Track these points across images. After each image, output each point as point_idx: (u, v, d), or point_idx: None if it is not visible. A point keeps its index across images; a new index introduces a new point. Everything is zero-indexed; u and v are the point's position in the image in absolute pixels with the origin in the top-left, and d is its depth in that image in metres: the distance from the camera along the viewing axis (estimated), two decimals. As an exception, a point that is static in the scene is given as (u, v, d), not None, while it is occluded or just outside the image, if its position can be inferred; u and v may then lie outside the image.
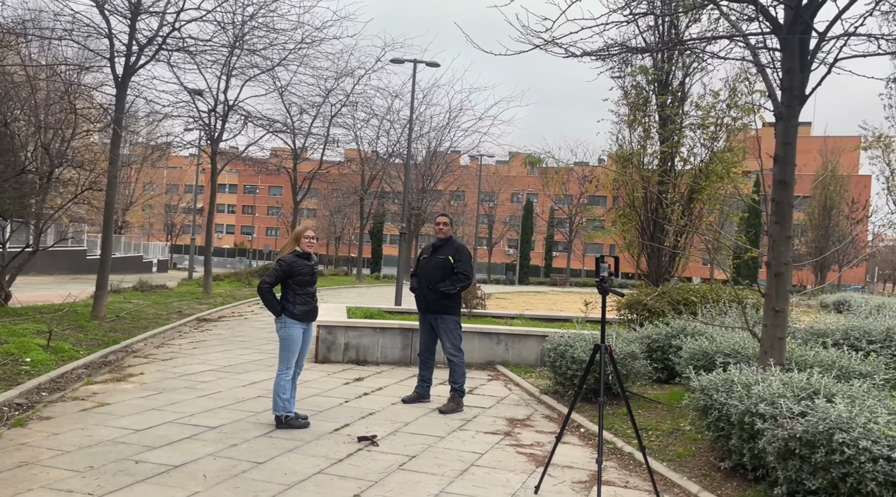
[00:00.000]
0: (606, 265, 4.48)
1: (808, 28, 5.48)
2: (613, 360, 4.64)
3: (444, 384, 7.67)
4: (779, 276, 5.61)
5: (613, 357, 4.64)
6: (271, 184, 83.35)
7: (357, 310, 11.18)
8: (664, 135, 11.04)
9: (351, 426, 6.19)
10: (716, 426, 4.98)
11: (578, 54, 6.68)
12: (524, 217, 62.28)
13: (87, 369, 8.06)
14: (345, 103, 26.79)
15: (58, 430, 5.55)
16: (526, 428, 6.51)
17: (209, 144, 20.10)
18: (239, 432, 5.78)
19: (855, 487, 3.88)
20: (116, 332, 10.79)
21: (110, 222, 12.04)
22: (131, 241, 52.08)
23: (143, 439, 5.40)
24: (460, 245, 7.38)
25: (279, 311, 6.06)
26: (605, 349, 4.44)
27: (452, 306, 7.14)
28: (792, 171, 5.67)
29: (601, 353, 4.42)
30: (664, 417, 6.64)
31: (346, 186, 41.43)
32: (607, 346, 4.46)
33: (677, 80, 11.28)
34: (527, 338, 9.91)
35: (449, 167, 42.21)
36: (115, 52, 11.85)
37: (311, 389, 7.71)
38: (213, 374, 8.23)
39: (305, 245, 6.10)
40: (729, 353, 6.45)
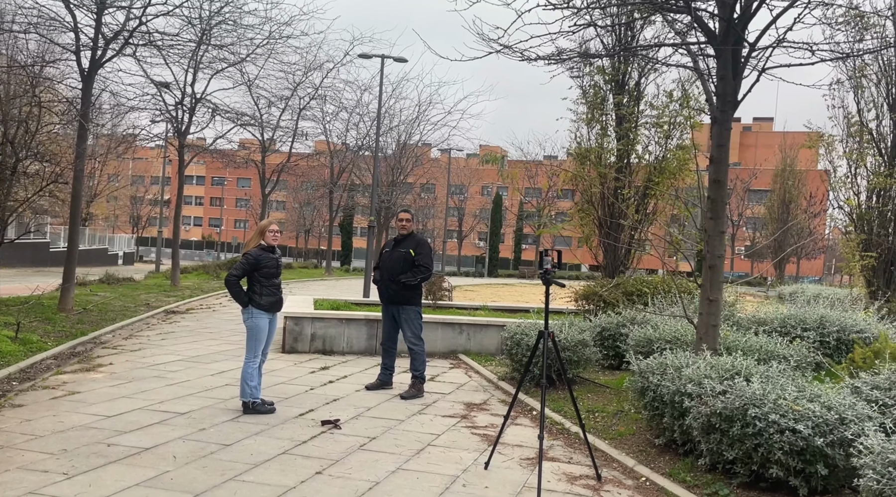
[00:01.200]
0: (549, 258, 4.86)
1: (740, 39, 5.92)
2: (556, 346, 5.03)
3: (406, 372, 8.02)
4: (713, 269, 6.07)
5: (556, 343, 5.03)
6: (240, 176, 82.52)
7: (324, 301, 11.46)
8: (620, 133, 11.52)
9: (315, 411, 6.51)
10: (651, 406, 5.42)
11: (533, 58, 7.06)
12: (493, 210, 62.86)
13: (56, 360, 8.23)
14: (313, 96, 26.91)
15: (30, 416, 5.77)
16: (482, 411, 6.90)
17: (176, 137, 20.08)
18: (207, 418, 6.06)
19: (765, 456, 4.34)
20: (84, 324, 10.91)
21: (77, 215, 12.11)
22: (96, 234, 51.28)
23: (114, 425, 5.65)
24: (421, 239, 7.72)
25: (246, 303, 6.34)
26: (549, 336, 4.83)
27: (413, 297, 7.48)
28: (725, 171, 6.12)
29: (545, 340, 4.80)
30: (611, 400, 7.09)
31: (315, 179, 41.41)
32: (550, 333, 4.85)
33: (633, 80, 11.75)
34: (488, 327, 10.31)
35: (419, 160, 42.47)
36: (81, 46, 11.90)
37: (278, 378, 8.00)
38: (182, 364, 8.46)
39: (270, 239, 6.39)
40: (670, 339, 6.92)
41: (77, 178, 11.97)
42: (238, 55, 17.81)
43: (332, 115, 30.94)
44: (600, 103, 11.72)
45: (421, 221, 57.84)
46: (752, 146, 79.57)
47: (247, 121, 22.93)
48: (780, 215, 44.97)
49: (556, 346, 5.03)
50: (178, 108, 19.35)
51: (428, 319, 9.65)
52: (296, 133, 28.01)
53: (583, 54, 7.16)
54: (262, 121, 25.31)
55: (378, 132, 21.11)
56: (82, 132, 11.87)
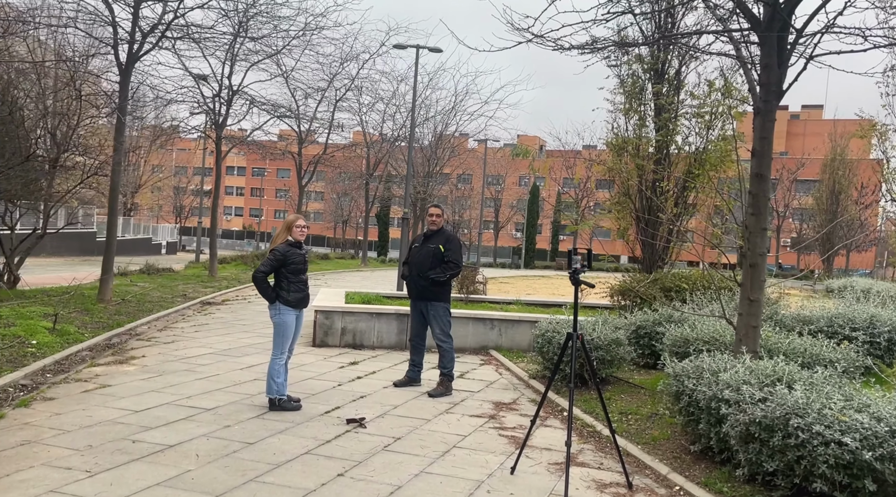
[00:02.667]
0: (578, 257, 4.65)
1: (786, 25, 5.59)
2: (585, 348, 4.83)
3: (436, 369, 7.90)
4: (754, 267, 5.78)
5: (585, 345, 4.84)
6: (279, 166, 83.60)
7: (355, 295, 11.42)
8: (659, 123, 11.14)
9: (341, 409, 6.44)
10: (686, 411, 5.18)
11: (566, 48, 6.81)
12: (530, 201, 62.31)
13: (91, 352, 8.35)
14: (349, 87, 26.90)
15: (60, 410, 5.83)
16: (511, 411, 6.74)
17: (214, 129, 20.30)
18: (233, 414, 6.04)
19: (809, 469, 4.09)
20: (121, 315, 11.09)
21: (115, 207, 12.29)
22: (140, 224, 52.50)
23: (141, 420, 5.67)
24: (451, 235, 7.57)
25: (274, 299, 6.30)
26: (578, 337, 4.63)
27: (442, 293, 7.35)
28: (768, 165, 5.81)
29: (573, 342, 4.61)
30: (645, 402, 6.85)
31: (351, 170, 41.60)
32: (580, 335, 4.65)
33: (673, 68, 11.34)
34: (520, 323, 10.12)
35: (455, 151, 42.27)
36: (119, 40, 12.03)
37: (307, 373, 7.97)
38: (213, 358, 8.50)
39: (297, 234, 6.32)
40: (707, 340, 6.64)
41: (115, 171, 12.15)
42: (274, 47, 17.87)
43: (369, 106, 30.95)
44: (638, 93, 11.34)
45: (457, 212, 57.73)
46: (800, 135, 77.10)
47: (283, 112, 23.05)
48: (829, 206, 43.48)
49: (586, 348, 4.83)
50: (215, 100, 19.53)
51: (458, 314, 9.54)
52: (332, 124, 28.07)
53: (619, 43, 6.88)
54: (298, 112, 25.44)
55: (413, 122, 20.99)
56: (120, 125, 12.03)
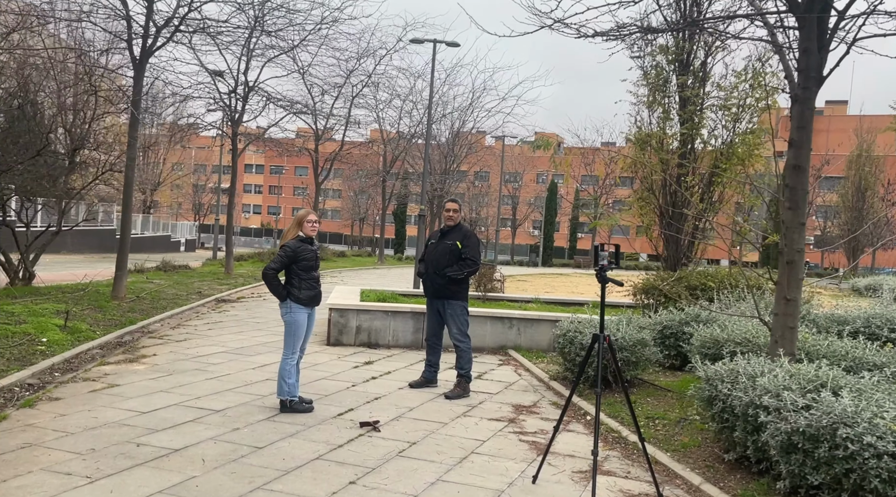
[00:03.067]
0: (606, 253, 4.36)
1: (827, 6, 5.24)
2: (613, 350, 4.54)
3: (453, 369, 7.64)
4: (791, 264, 5.44)
5: (613, 347, 4.54)
6: (297, 164, 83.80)
7: (371, 292, 11.19)
8: (684, 116, 10.76)
9: (355, 411, 6.20)
10: (720, 417, 4.86)
11: (590, 34, 6.50)
12: (548, 198, 61.78)
13: (101, 350, 8.20)
14: (366, 84, 26.70)
15: (65, 411, 5.64)
16: (531, 415, 6.46)
17: (230, 125, 20.18)
18: (243, 416, 5.82)
19: (858, 484, 3.76)
20: (134, 312, 10.95)
21: (129, 203, 12.17)
22: (160, 221, 52.86)
23: (147, 422, 5.46)
24: (469, 231, 7.30)
25: (285, 297, 6.07)
26: (604, 339, 4.34)
27: (459, 291, 7.08)
28: (807, 156, 5.46)
29: (599, 344, 4.32)
30: (673, 406, 6.53)
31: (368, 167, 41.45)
32: (606, 336, 4.36)
33: (699, 59, 10.96)
34: (539, 322, 9.82)
35: (473, 147, 41.94)
36: (133, 34, 11.89)
37: (320, 372, 7.75)
38: (224, 356, 8.31)
39: (308, 230, 6.08)
40: (740, 341, 6.30)
41: (129, 166, 12.02)
42: (290, 42, 17.69)
43: (385, 102, 30.73)
44: (662, 85, 10.97)
45: (474, 210, 57.40)
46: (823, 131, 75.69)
47: (300, 109, 22.90)
48: (855, 203, 42.53)
49: (613, 350, 4.54)
50: (231, 96, 19.41)
51: (476, 313, 9.27)
52: (348, 121, 27.90)
53: (645, 28, 6.54)
54: (315, 109, 25.28)
55: (430, 118, 20.72)
56: (133, 121, 11.89)
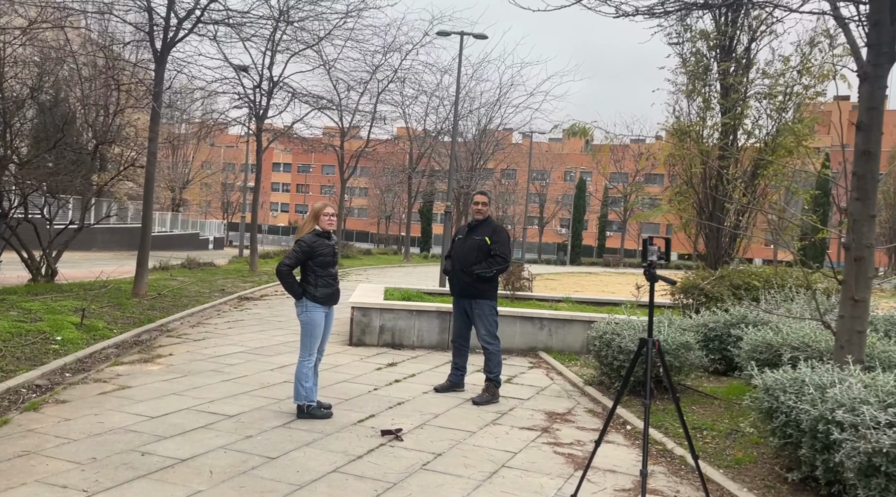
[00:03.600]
0: (656, 248, 3.88)
1: (903, -29, 4.67)
2: (662, 356, 4.05)
3: (480, 372, 7.21)
4: (859, 261, 4.89)
5: (662, 353, 4.05)
6: (324, 163, 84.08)
7: (395, 291, 10.79)
8: (726, 105, 10.15)
9: (376, 417, 5.79)
10: (782, 432, 4.34)
11: (630, 12, 6.01)
12: (576, 196, 60.95)
13: (117, 349, 7.92)
14: (392, 79, 26.35)
15: (71, 415, 5.33)
16: (566, 423, 5.98)
17: (254, 121, 19.97)
18: (257, 422, 5.45)
19: (956, 517, 3.23)
20: (154, 310, 10.71)
21: (150, 199, 11.95)
22: (188, 219, 53.29)
23: (155, 428, 5.12)
24: (498, 226, 6.84)
25: (300, 295, 5.68)
26: (654, 344, 3.86)
27: (488, 290, 6.63)
28: (878, 140, 4.90)
29: (648, 349, 3.84)
30: (721, 415, 6.00)
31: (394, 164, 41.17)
32: (655, 341, 3.88)
33: (742, 45, 10.33)
34: (572, 323, 9.33)
35: (499, 144, 41.40)
36: (154, 26, 11.65)
37: (341, 375, 7.37)
38: (243, 357, 7.97)
39: (325, 223, 5.68)
40: (797, 346, 5.75)
41: (150, 162, 11.79)
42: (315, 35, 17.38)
43: (412, 98, 30.35)
44: (703, 73, 10.37)
45: (501, 208, 56.80)
46: (861, 126, 73.43)
47: (325, 104, 22.62)
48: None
49: (663, 357, 4.05)
50: (255, 91, 19.19)
51: (505, 313, 8.81)
52: (374, 117, 27.57)
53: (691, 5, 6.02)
54: (341, 105, 25.00)
55: (456, 112, 20.27)
56: (155, 115, 11.65)
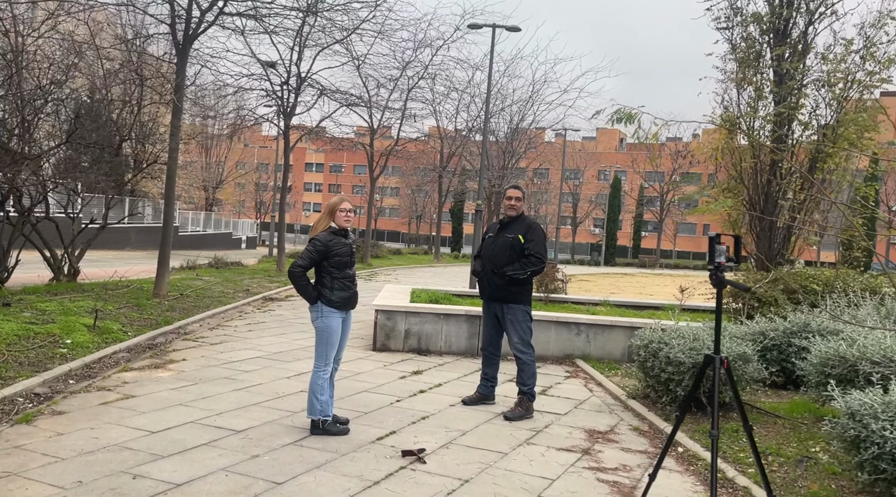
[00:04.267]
0: (724, 247, 3.24)
1: None
2: (732, 376, 3.41)
3: (512, 381, 6.62)
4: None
5: (732, 373, 3.41)
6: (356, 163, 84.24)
7: (422, 292, 10.24)
8: (780, 94, 9.37)
9: (398, 434, 5.24)
10: (874, 466, 3.66)
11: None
12: (611, 195, 59.75)
13: (128, 353, 7.52)
14: (422, 76, 25.84)
15: (65, 428, 4.89)
16: (609, 443, 5.35)
17: (282, 118, 19.64)
18: (266, 438, 4.94)
19: None
20: (174, 311, 10.34)
21: (171, 197, 11.61)
22: (221, 219, 53.64)
23: (153, 445, 4.64)
24: (532, 222, 6.23)
25: (315, 299, 5.16)
26: (722, 363, 3.22)
27: (521, 294, 6.02)
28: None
29: (715, 368, 3.21)
30: (787, 438, 5.30)
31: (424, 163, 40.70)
32: (724, 359, 3.24)
33: (798, 28, 9.53)
34: (612, 329, 8.66)
35: (532, 143, 40.61)
36: (176, 18, 11.31)
37: (363, 383, 6.84)
38: (259, 362, 7.51)
39: (342, 220, 5.15)
40: (878, 361, 5.02)
41: (171, 158, 11.45)
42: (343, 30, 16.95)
43: (443, 95, 29.80)
44: (754, 59, 9.59)
45: (533, 207, 55.96)
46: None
47: (354, 101, 22.21)
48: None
49: (732, 378, 3.41)
50: (283, 87, 18.85)
51: (539, 317, 8.18)
52: (404, 114, 27.10)
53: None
54: (370, 102, 24.58)
55: (488, 106, 19.66)
56: (176, 110, 11.31)
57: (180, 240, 38.94)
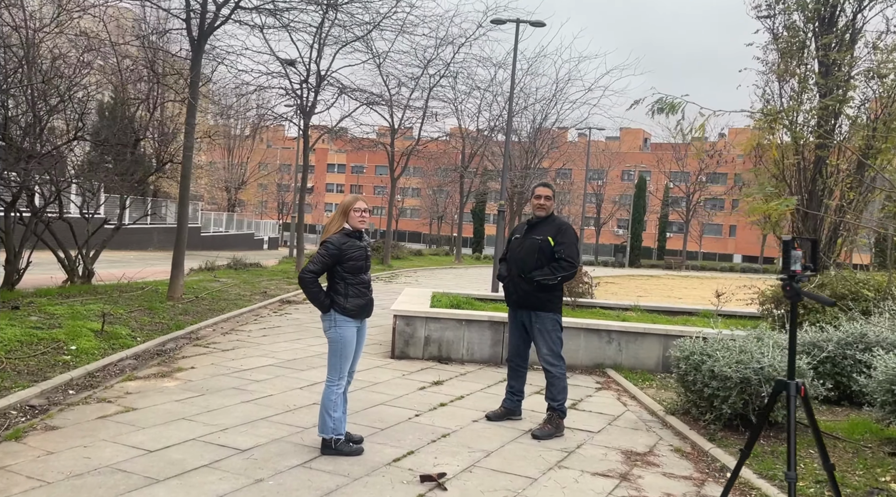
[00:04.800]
0: (800, 253, 2.73)
1: None
2: (809, 405, 2.90)
3: (539, 393, 6.15)
4: None
5: (809, 401, 2.91)
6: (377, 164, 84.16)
7: (443, 296, 9.79)
8: (826, 86, 8.76)
9: (416, 454, 4.79)
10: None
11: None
12: (636, 195, 58.85)
13: (135, 360, 7.17)
14: (443, 74, 25.41)
15: (56, 446, 4.51)
16: (649, 467, 4.85)
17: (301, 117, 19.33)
18: (272, 459, 4.52)
19: None
20: (187, 314, 10.01)
21: (186, 196, 11.30)
22: (244, 220, 53.78)
23: (149, 466, 4.25)
24: (563, 223, 5.75)
25: (328, 307, 4.73)
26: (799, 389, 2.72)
27: (551, 301, 5.54)
28: None
29: (790, 397, 2.70)
30: (850, 464, 4.75)
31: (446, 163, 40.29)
32: (800, 385, 2.74)
33: (846, 16, 8.91)
34: (644, 337, 8.13)
35: (555, 142, 39.99)
36: (191, 12, 10.99)
37: (380, 395, 6.41)
38: (271, 371, 7.11)
39: (356, 220, 4.71)
40: (959, 380, 4.46)
41: (186, 156, 11.14)
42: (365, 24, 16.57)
43: (465, 94, 29.36)
44: (798, 50, 8.99)
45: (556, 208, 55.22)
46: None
47: (374, 100, 21.85)
48: None
49: (810, 407, 2.90)
50: (302, 86, 18.54)
51: (568, 323, 7.67)
52: (426, 113, 26.69)
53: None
54: (391, 100, 24.21)
55: (511, 104, 19.16)
56: (191, 107, 10.99)
57: (203, 240, 38.99)
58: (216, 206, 56.26)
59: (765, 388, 5.23)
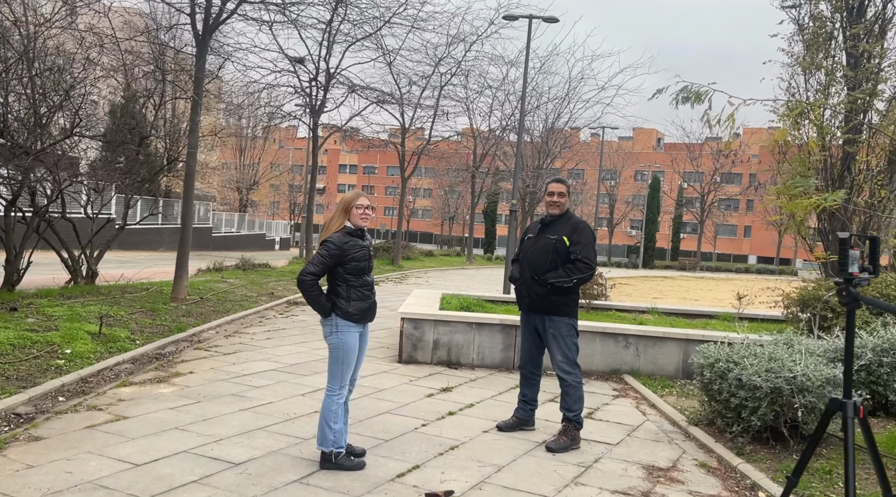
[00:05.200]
0: (858, 253, 2.38)
1: None
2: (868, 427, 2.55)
3: (553, 401, 5.82)
4: None
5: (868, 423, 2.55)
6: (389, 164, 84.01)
7: (452, 298, 9.45)
8: (855, 79, 8.34)
9: (421, 469, 4.47)
10: None
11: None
12: (650, 195, 58.22)
13: (132, 364, 6.89)
14: (455, 72, 25.08)
15: (37, 459, 4.22)
16: (673, 484, 4.49)
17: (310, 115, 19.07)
18: (267, 474, 4.21)
19: None
20: (191, 316, 9.75)
21: (190, 195, 11.04)
22: (255, 220, 53.72)
23: (134, 482, 3.95)
24: (579, 221, 5.39)
25: (328, 311, 4.41)
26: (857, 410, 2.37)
27: (566, 305, 5.19)
28: None
29: (847, 418, 2.35)
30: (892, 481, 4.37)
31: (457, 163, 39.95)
32: (859, 406, 2.39)
33: (875, 4, 8.49)
34: (664, 341, 7.76)
35: (567, 142, 39.53)
36: (197, 5, 10.74)
37: (385, 402, 6.09)
38: (273, 376, 6.81)
39: (358, 218, 4.38)
40: None
41: (190, 154, 10.88)
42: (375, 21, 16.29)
43: (476, 92, 29.00)
44: (825, 41, 8.59)
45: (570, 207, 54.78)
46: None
47: (385, 98, 21.56)
48: None
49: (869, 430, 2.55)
50: (312, 84, 18.28)
51: (583, 327, 7.29)
52: (437, 112, 26.37)
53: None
54: (402, 99, 23.90)
55: (523, 102, 18.80)
56: (195, 104, 10.74)
57: (214, 241, 38.89)
58: (228, 206, 56.26)
59: (797, 399, 4.86)
